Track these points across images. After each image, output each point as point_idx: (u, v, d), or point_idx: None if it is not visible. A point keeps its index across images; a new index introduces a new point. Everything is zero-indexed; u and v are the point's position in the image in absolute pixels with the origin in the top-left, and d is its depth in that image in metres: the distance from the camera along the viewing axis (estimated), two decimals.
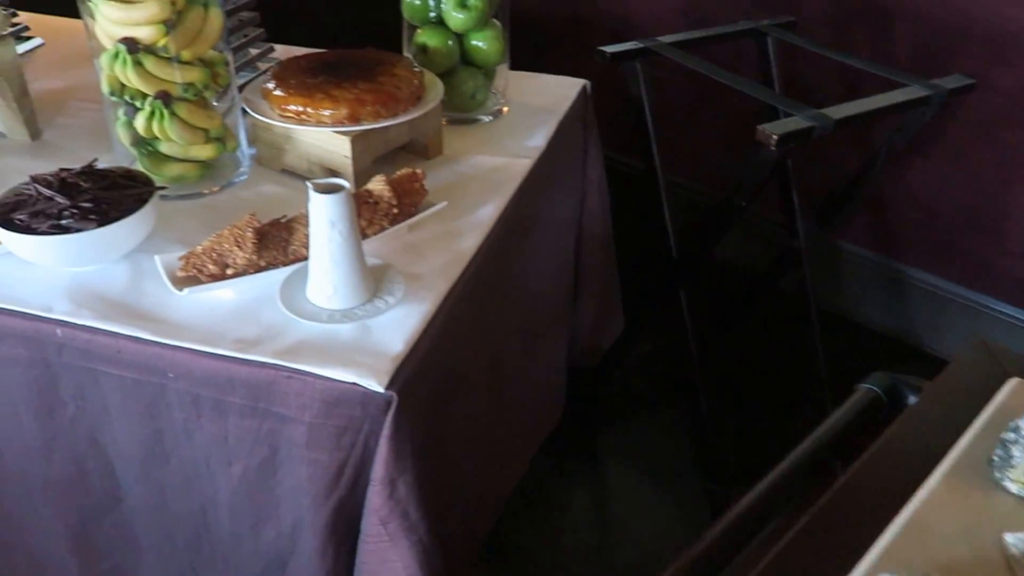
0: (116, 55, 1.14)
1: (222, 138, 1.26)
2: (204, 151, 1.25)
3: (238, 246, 1.03)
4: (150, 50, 1.15)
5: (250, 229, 1.03)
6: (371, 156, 1.26)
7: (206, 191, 1.25)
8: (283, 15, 1.69)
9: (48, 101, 1.49)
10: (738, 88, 1.40)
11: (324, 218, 0.95)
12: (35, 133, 1.40)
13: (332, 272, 0.97)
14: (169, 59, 1.16)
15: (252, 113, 1.26)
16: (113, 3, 1.11)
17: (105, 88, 1.19)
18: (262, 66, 1.55)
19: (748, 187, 1.38)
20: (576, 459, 1.81)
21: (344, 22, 2.47)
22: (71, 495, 1.16)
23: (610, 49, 1.48)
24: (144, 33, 1.13)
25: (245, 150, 1.31)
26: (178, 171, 1.24)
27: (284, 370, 0.94)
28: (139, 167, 1.23)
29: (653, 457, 1.80)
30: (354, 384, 0.93)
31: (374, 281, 1.03)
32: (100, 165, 1.13)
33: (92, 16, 1.14)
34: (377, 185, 1.14)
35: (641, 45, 1.50)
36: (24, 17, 1.77)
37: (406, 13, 1.45)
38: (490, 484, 1.41)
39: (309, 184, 0.95)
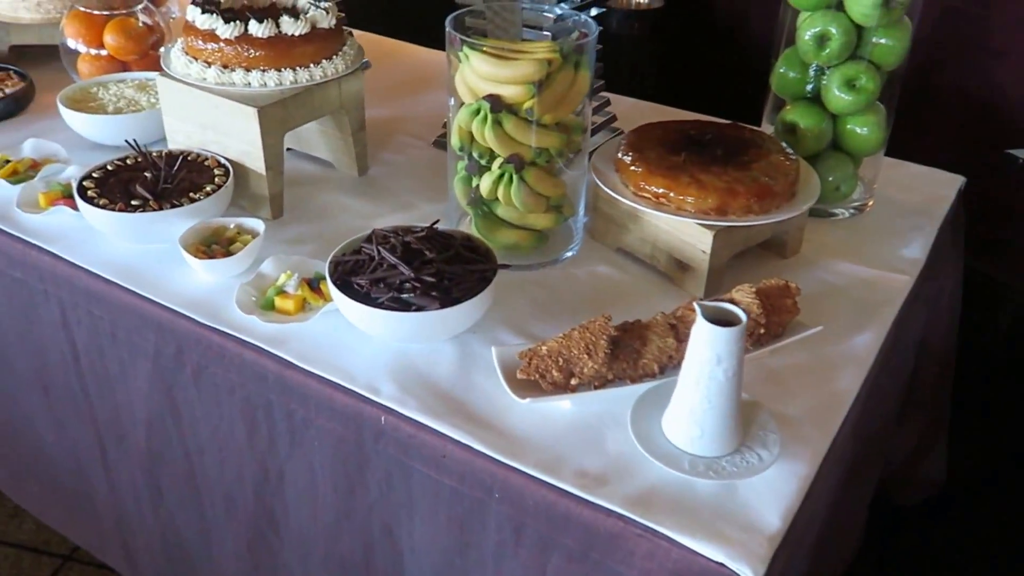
0: (477, 111, 1.04)
1: (561, 207, 1.13)
2: (541, 220, 1.12)
3: (588, 354, 0.88)
4: (512, 110, 1.04)
5: (604, 337, 0.89)
6: (729, 253, 1.08)
7: (536, 264, 1.13)
8: (614, 63, 1.55)
9: (375, 132, 1.43)
10: None
11: (711, 351, 0.78)
12: (363, 168, 1.34)
13: (704, 414, 0.81)
14: (529, 121, 1.04)
15: (601, 185, 1.12)
16: (486, 57, 1.00)
17: (455, 142, 1.09)
18: (596, 120, 1.42)
19: None
20: None
21: (679, 78, 2.32)
22: (353, 574, 1.08)
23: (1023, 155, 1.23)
24: (511, 92, 1.02)
25: (580, 221, 1.17)
26: (513, 239, 1.12)
27: (635, 525, 0.78)
28: (471, 227, 1.13)
29: None
30: (720, 565, 0.75)
31: (744, 425, 0.85)
32: (440, 226, 1.03)
33: (458, 60, 1.04)
34: (744, 297, 0.96)
35: None
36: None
37: (775, 85, 1.26)
38: None
39: (698, 307, 0.79)
